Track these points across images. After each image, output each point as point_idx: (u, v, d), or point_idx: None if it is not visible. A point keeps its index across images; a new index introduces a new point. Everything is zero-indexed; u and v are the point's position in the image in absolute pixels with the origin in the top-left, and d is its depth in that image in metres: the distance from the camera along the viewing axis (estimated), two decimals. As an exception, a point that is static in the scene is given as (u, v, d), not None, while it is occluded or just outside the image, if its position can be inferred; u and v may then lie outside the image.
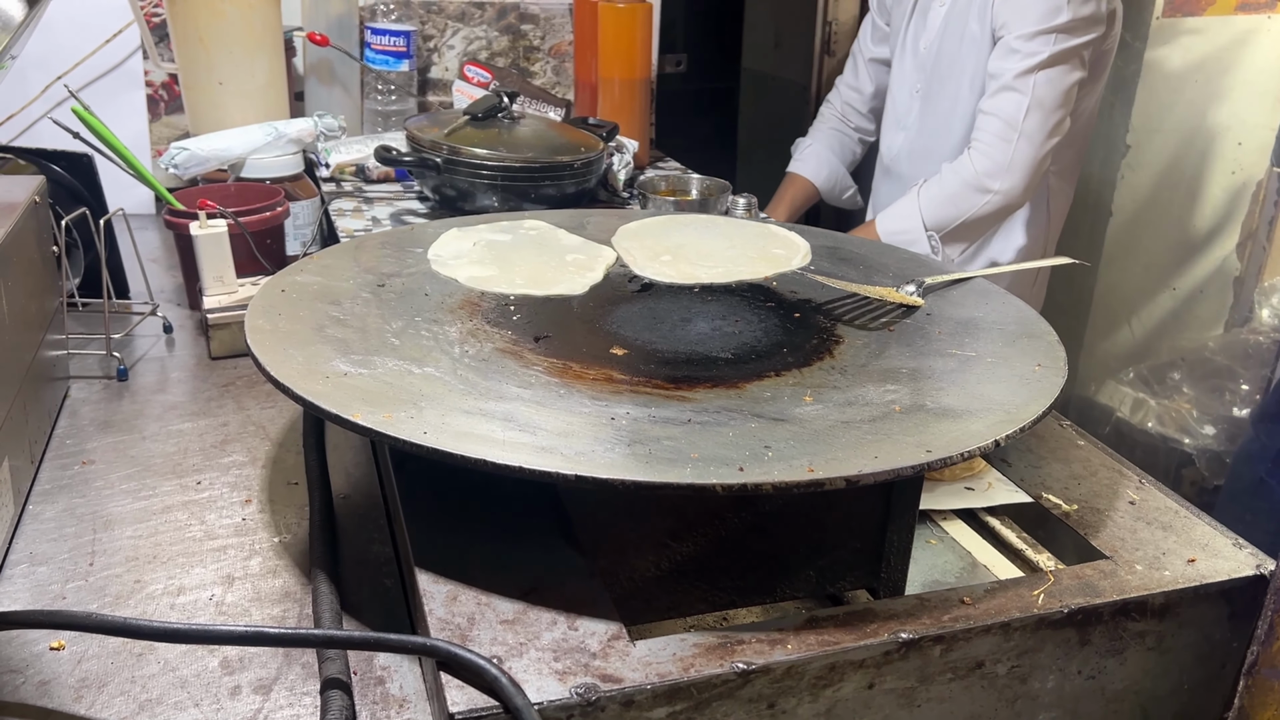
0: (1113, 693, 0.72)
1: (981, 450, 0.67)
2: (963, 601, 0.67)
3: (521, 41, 2.00)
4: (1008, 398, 0.75)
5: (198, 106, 1.58)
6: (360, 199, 1.55)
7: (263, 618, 0.74)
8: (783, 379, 0.79)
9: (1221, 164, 2.19)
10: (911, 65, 1.71)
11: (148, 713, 0.64)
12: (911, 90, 1.71)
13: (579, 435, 0.68)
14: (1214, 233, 2.23)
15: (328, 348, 0.79)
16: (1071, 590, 0.69)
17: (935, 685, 0.66)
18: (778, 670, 0.61)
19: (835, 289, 0.98)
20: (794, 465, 0.64)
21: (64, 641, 0.70)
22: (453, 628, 0.62)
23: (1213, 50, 2.15)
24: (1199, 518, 0.79)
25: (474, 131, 1.43)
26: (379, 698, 0.66)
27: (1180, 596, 0.70)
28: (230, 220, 1.18)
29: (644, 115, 1.82)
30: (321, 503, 0.84)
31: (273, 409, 1.03)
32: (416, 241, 1.06)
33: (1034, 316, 0.92)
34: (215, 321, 1.13)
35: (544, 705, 0.56)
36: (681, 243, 1.11)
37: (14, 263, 0.85)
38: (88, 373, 1.09)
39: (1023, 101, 1.50)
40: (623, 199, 1.61)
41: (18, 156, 1.22)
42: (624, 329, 0.89)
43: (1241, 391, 2.08)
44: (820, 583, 0.79)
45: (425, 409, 0.70)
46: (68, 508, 0.85)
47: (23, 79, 1.54)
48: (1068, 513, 0.80)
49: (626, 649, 0.61)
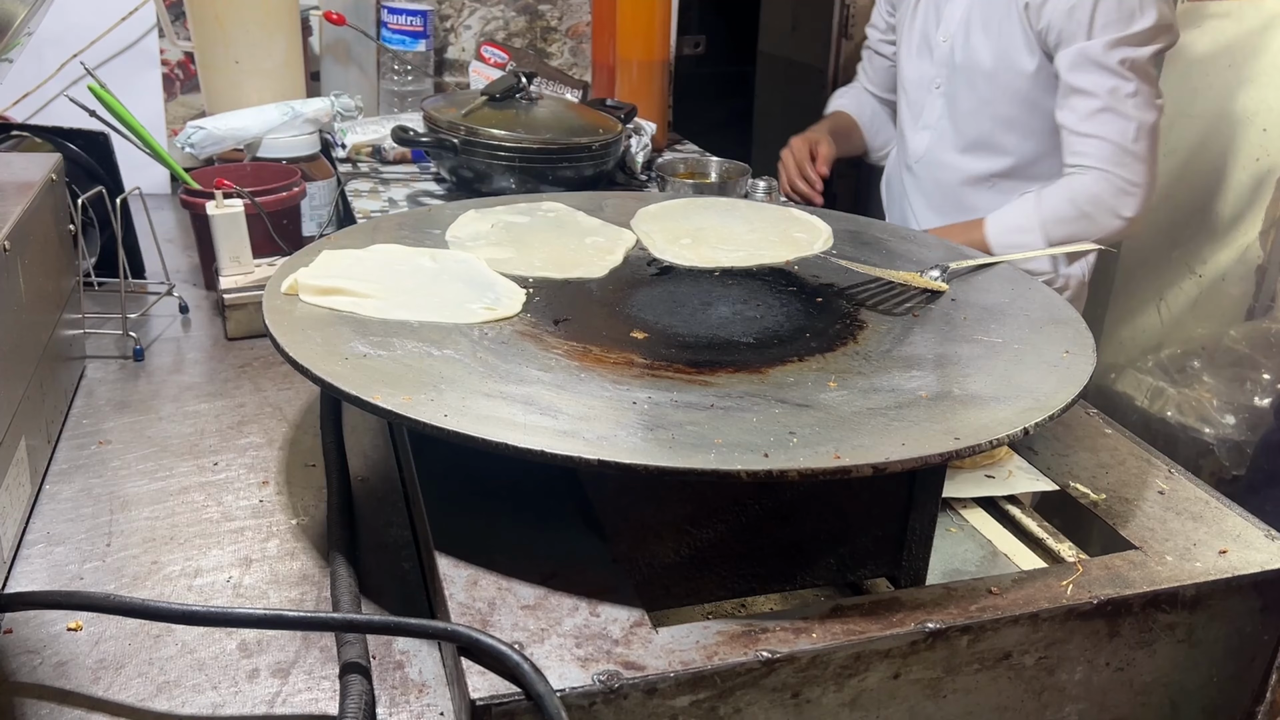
0: (1141, 685, 0.71)
1: (1011, 438, 0.66)
2: (990, 591, 0.66)
3: (539, 22, 1.98)
4: (1036, 384, 0.74)
5: (214, 86, 1.58)
6: (376, 180, 1.54)
7: (280, 600, 0.73)
8: (806, 364, 0.78)
9: (1246, 150, 2.17)
10: (929, 60, 1.64)
11: (165, 694, 0.64)
12: (930, 86, 1.64)
13: (600, 419, 0.67)
14: (1237, 220, 2.20)
15: (346, 329, 0.79)
16: (1101, 581, 0.68)
17: (962, 676, 0.65)
18: (802, 659, 0.60)
19: (858, 273, 0.97)
20: (820, 452, 0.63)
21: (82, 622, 0.69)
22: (473, 613, 0.62)
23: (1239, 35, 2.12)
24: (1230, 508, 0.78)
25: (491, 112, 1.42)
26: (398, 682, 0.66)
27: (1211, 588, 0.69)
28: (247, 200, 1.17)
29: (662, 97, 1.81)
30: (339, 485, 0.83)
31: (289, 390, 1.02)
32: (434, 223, 1.05)
33: (1060, 302, 0.91)
34: (232, 302, 1.12)
35: (566, 692, 0.56)
36: (701, 226, 1.10)
37: (31, 241, 0.84)
38: (104, 353, 1.09)
39: (1128, 126, 1.45)
40: (641, 181, 1.59)
41: (34, 135, 1.21)
42: (644, 312, 0.88)
43: (1263, 381, 2.06)
44: (841, 570, 0.78)
45: (445, 391, 0.69)
46: (84, 488, 0.85)
47: (39, 57, 1.53)
48: (1095, 502, 0.79)
49: (649, 636, 0.60)
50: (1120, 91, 1.44)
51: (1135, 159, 1.46)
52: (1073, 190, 1.49)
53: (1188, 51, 2.14)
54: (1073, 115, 1.48)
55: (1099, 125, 1.47)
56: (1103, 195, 1.48)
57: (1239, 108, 2.15)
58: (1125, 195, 1.48)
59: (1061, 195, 1.50)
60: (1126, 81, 1.44)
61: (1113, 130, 1.46)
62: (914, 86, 1.69)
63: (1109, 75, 1.44)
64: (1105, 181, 1.47)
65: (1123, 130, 1.46)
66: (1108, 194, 1.48)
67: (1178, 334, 2.28)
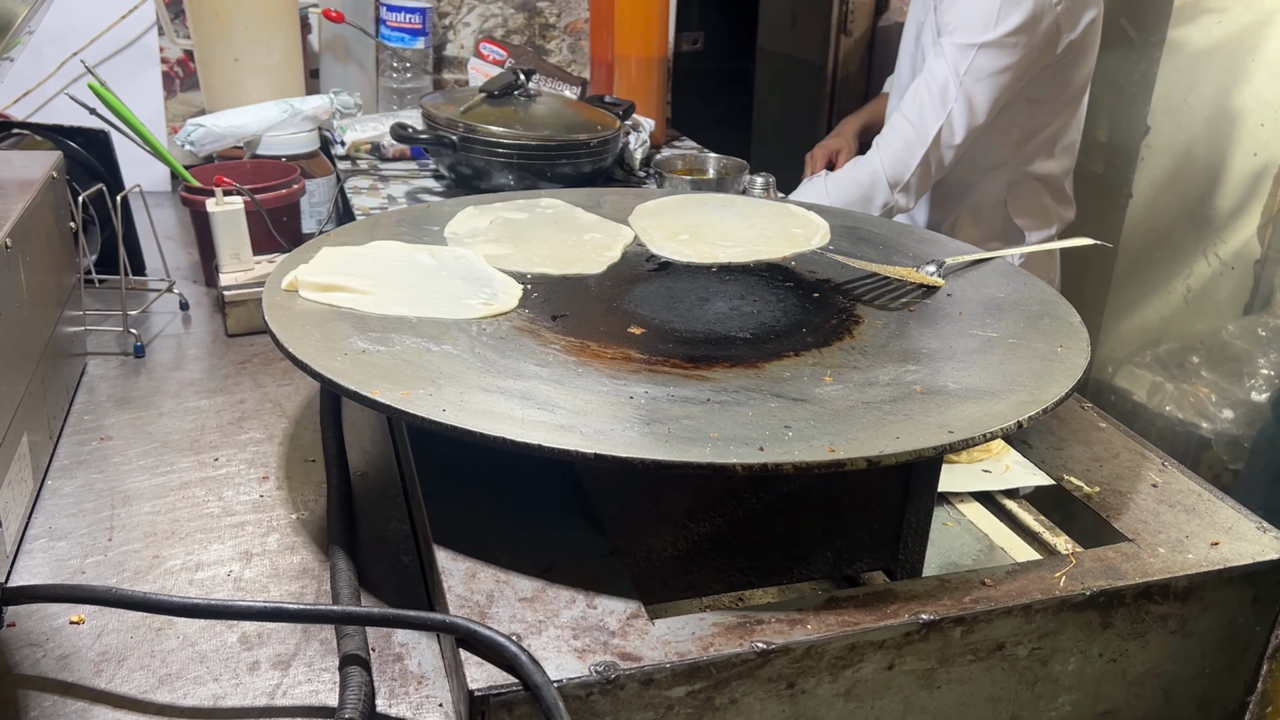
0: (1134, 675, 0.71)
1: (1004, 431, 0.67)
2: (984, 583, 0.66)
3: (537, 19, 1.98)
4: (1030, 379, 0.74)
5: (213, 83, 1.58)
6: (376, 177, 1.55)
7: (281, 594, 0.74)
8: (802, 359, 0.79)
9: (1243, 146, 2.17)
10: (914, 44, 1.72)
11: (167, 687, 0.64)
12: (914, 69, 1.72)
13: (598, 414, 0.67)
14: (1234, 215, 2.20)
15: (345, 325, 0.79)
16: (1094, 573, 0.68)
17: (955, 666, 0.65)
18: (797, 650, 0.61)
19: (855, 269, 0.97)
20: (815, 445, 0.64)
21: (84, 616, 0.70)
22: (472, 605, 0.62)
23: (1236, 30, 2.12)
24: (1222, 501, 0.78)
25: (490, 109, 1.42)
26: (397, 674, 0.66)
27: (1203, 580, 0.69)
28: (247, 197, 1.18)
29: (661, 94, 1.81)
30: (339, 480, 0.84)
31: (289, 386, 1.03)
32: (433, 219, 1.05)
33: (1056, 297, 0.92)
34: (232, 299, 1.13)
35: (563, 683, 0.56)
36: (699, 222, 1.10)
37: (32, 239, 0.85)
38: (105, 349, 1.09)
39: (935, 123, 1.53)
40: (639, 178, 1.60)
41: (35, 132, 1.22)
42: (642, 308, 0.88)
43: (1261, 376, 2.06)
44: (837, 564, 0.78)
45: (444, 386, 0.70)
46: (86, 483, 0.86)
47: (39, 55, 1.54)
48: (1089, 495, 0.80)
49: (645, 628, 0.61)
50: (950, 90, 1.51)
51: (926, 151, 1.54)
52: (863, 166, 1.59)
53: (1185, 46, 2.14)
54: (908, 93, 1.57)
55: (916, 111, 1.55)
56: (881, 175, 1.57)
57: (1236, 103, 2.15)
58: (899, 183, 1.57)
59: (852, 172, 1.60)
60: (958, 78, 1.51)
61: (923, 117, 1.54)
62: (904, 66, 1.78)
63: (944, 69, 1.51)
64: (887, 159, 1.57)
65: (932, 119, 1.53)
66: (886, 176, 1.57)
67: (1176, 329, 2.28)
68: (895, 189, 1.56)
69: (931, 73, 1.53)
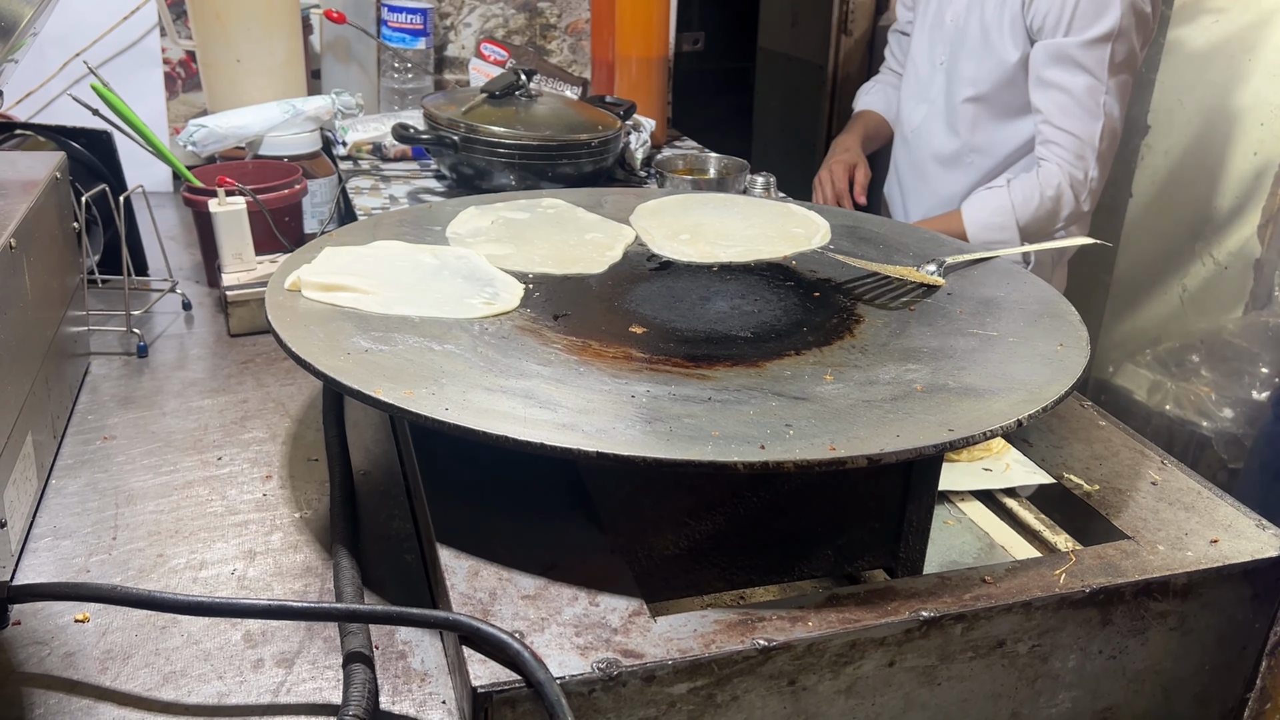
0: (1134, 673, 0.71)
1: (1004, 429, 0.67)
2: (984, 580, 0.67)
3: (538, 19, 1.99)
4: (1030, 377, 0.75)
5: (215, 84, 1.58)
6: (377, 177, 1.55)
7: (284, 592, 0.74)
8: (803, 358, 0.79)
9: (1243, 145, 2.17)
10: (937, 36, 1.71)
11: (172, 684, 0.65)
12: (935, 62, 1.71)
13: (599, 413, 0.68)
14: (1234, 214, 2.21)
15: (348, 324, 0.79)
16: (1093, 570, 0.69)
17: (956, 664, 0.66)
18: (799, 647, 0.61)
19: (855, 268, 0.97)
20: (815, 444, 0.64)
21: (89, 614, 0.70)
22: (474, 603, 0.62)
23: (1235, 30, 2.12)
24: (1221, 498, 0.78)
25: (491, 110, 1.42)
26: (400, 672, 0.67)
27: (1203, 577, 0.70)
28: (249, 198, 1.18)
29: (661, 94, 1.81)
30: (342, 479, 0.84)
31: (292, 386, 1.03)
32: (434, 220, 1.06)
33: (1056, 296, 0.92)
34: (234, 299, 1.13)
35: (566, 680, 0.57)
36: (700, 222, 1.11)
37: (36, 239, 0.85)
38: (108, 349, 1.10)
39: (1096, 125, 1.53)
40: (640, 178, 1.60)
41: (38, 133, 1.22)
42: (643, 307, 0.88)
43: (1261, 375, 2.06)
44: (838, 562, 0.79)
45: (446, 385, 0.70)
46: (90, 482, 0.86)
47: (41, 56, 1.54)
48: (1089, 493, 0.80)
49: (647, 625, 0.61)
50: (1095, 91, 1.52)
51: (1097, 157, 1.56)
52: (1043, 181, 1.58)
53: (1185, 46, 2.15)
54: (1048, 105, 1.56)
55: (1071, 120, 1.55)
56: (1065, 186, 1.57)
57: (1236, 102, 2.15)
58: (1083, 188, 1.57)
59: (1032, 185, 1.58)
60: (1100, 82, 1.51)
61: (1081, 127, 1.54)
62: (921, 60, 1.76)
63: (1084, 74, 1.52)
64: (1068, 175, 1.57)
65: (1091, 126, 1.54)
66: (1069, 187, 1.57)
67: (1176, 328, 2.28)
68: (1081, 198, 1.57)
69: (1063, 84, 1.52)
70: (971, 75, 1.64)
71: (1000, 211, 1.59)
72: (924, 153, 1.76)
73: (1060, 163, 1.56)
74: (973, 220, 1.60)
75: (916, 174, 1.79)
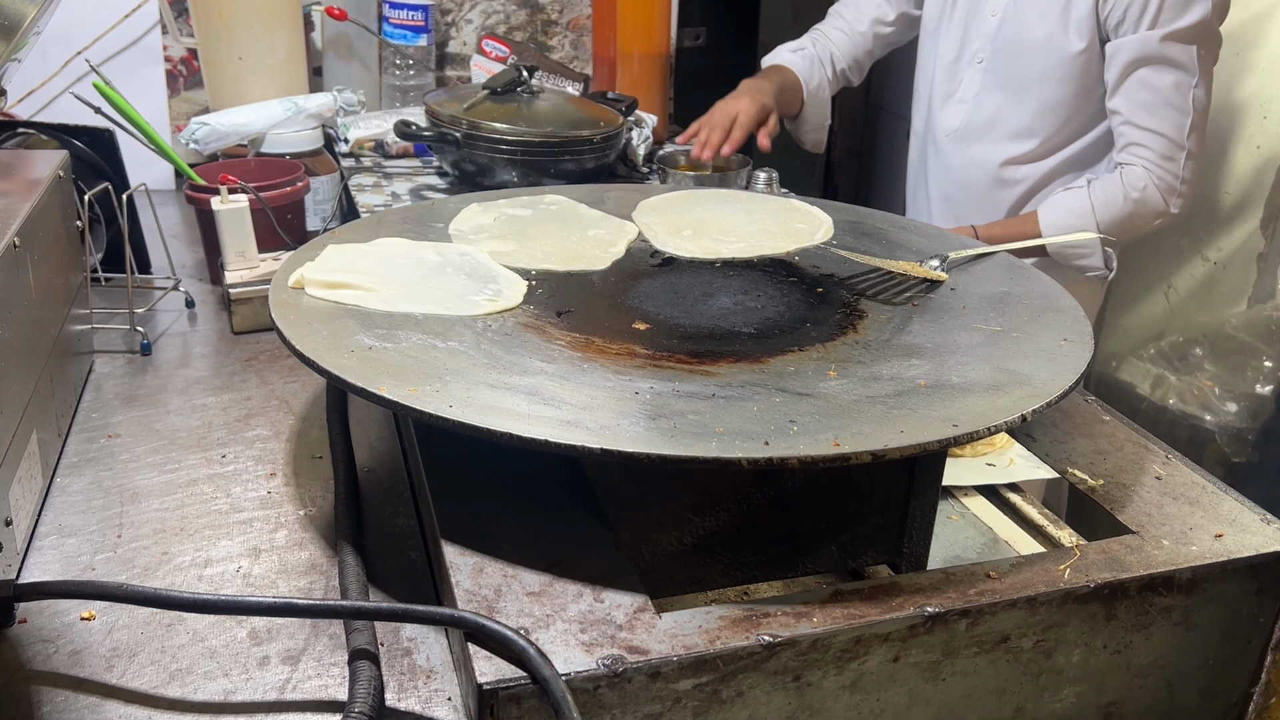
0: (1138, 667, 0.72)
1: (1008, 425, 0.67)
2: (988, 576, 0.67)
3: (539, 15, 1.98)
4: (1034, 372, 0.75)
5: (217, 82, 1.58)
6: (379, 174, 1.55)
7: (289, 589, 0.74)
8: (806, 354, 0.79)
9: (1246, 139, 2.16)
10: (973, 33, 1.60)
11: (178, 682, 0.65)
12: (971, 60, 1.61)
13: (603, 409, 0.68)
14: (1238, 208, 2.20)
15: (351, 322, 0.80)
16: (1098, 565, 0.69)
17: (960, 659, 0.66)
18: (803, 643, 0.61)
19: (858, 264, 0.97)
20: (819, 440, 0.64)
21: (95, 612, 0.70)
22: (479, 600, 0.63)
23: (1239, 23, 2.11)
24: (1226, 493, 0.78)
25: (493, 106, 1.42)
26: (406, 668, 0.67)
27: (1207, 572, 0.70)
28: (252, 195, 1.18)
29: (663, 89, 1.81)
30: (346, 476, 0.84)
31: (295, 383, 1.03)
32: (437, 216, 1.06)
33: (1059, 291, 0.92)
34: (237, 296, 1.13)
35: (571, 676, 0.57)
36: (702, 217, 1.10)
37: (40, 237, 0.85)
38: (111, 347, 1.10)
39: (1184, 121, 1.45)
40: (642, 174, 1.60)
41: (40, 131, 1.22)
42: (646, 304, 0.88)
43: (1264, 369, 2.06)
44: (842, 558, 0.79)
45: (450, 383, 0.70)
46: (95, 480, 0.86)
47: (43, 54, 1.54)
48: (1093, 488, 0.80)
49: (652, 621, 0.61)
50: (1184, 86, 1.43)
51: (1187, 156, 1.47)
52: (1127, 183, 1.49)
53: (1188, 40, 2.14)
54: (1130, 105, 1.46)
55: (1158, 119, 1.45)
56: (1152, 189, 1.48)
57: (1239, 96, 2.15)
58: (1173, 191, 1.48)
59: (1115, 187, 1.49)
60: (1189, 75, 1.43)
61: (1170, 125, 1.45)
62: (948, 58, 1.65)
63: (1171, 69, 1.42)
64: (1157, 176, 1.48)
65: (1179, 125, 1.45)
66: (1158, 188, 1.48)
67: (1179, 322, 2.28)
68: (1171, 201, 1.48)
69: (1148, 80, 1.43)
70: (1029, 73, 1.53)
71: (1080, 214, 1.50)
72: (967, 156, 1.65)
73: (1147, 165, 1.47)
74: (1050, 223, 1.51)
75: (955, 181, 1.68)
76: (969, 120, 1.63)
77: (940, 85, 1.68)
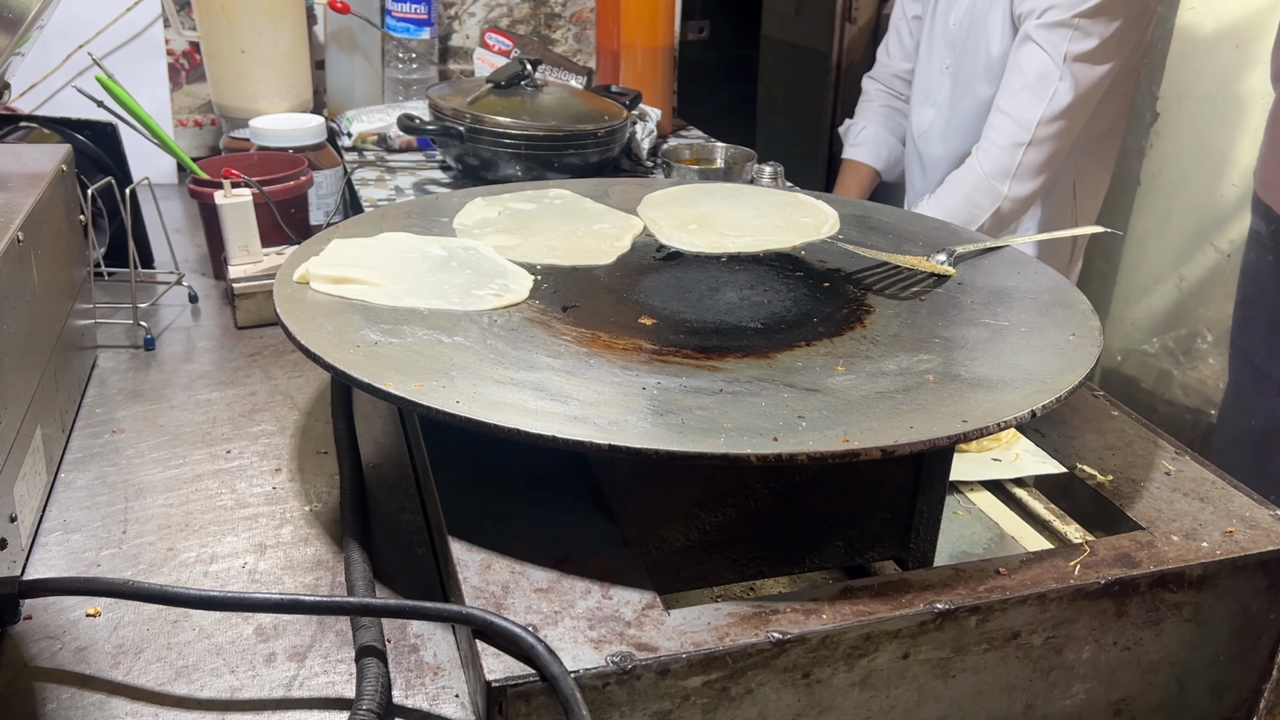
0: (1148, 664, 0.71)
1: (1018, 420, 0.67)
2: (998, 572, 0.66)
3: (543, 8, 1.98)
4: (1042, 367, 0.74)
5: (219, 75, 1.58)
6: (383, 168, 1.55)
7: (295, 586, 0.74)
8: (814, 349, 0.79)
9: (1251, 132, 2.15)
10: (942, 40, 1.68)
11: (184, 679, 0.65)
12: (941, 66, 1.69)
13: (610, 405, 0.67)
14: (1243, 202, 2.19)
15: (356, 316, 0.79)
16: (1108, 561, 0.68)
17: (970, 656, 0.65)
18: (813, 640, 0.61)
19: (865, 258, 0.97)
20: (828, 435, 0.64)
21: (100, 608, 0.70)
22: (487, 596, 0.62)
23: (1244, 16, 2.11)
24: (1236, 488, 0.78)
25: (497, 100, 1.42)
26: (413, 665, 0.66)
27: (1218, 568, 0.69)
28: (255, 189, 1.18)
29: (667, 83, 1.80)
30: (351, 471, 0.84)
31: (300, 378, 1.03)
32: (441, 211, 1.05)
33: (1067, 285, 0.91)
34: (241, 291, 1.13)
35: (580, 673, 0.56)
36: (708, 211, 1.10)
37: (43, 232, 0.85)
38: (115, 342, 1.09)
39: (1039, 107, 1.46)
40: (646, 168, 1.60)
41: (43, 125, 1.22)
42: (652, 298, 0.88)
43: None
44: (849, 553, 0.79)
45: (456, 378, 0.70)
46: (99, 476, 0.86)
47: (44, 47, 1.53)
48: (1102, 483, 0.80)
49: (661, 618, 0.61)
50: (1048, 77, 1.44)
51: (1031, 143, 1.47)
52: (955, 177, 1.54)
53: (1193, 32, 2.13)
54: (1001, 87, 1.50)
55: (1014, 103, 1.48)
56: (981, 171, 1.51)
57: (1244, 89, 2.14)
58: (1003, 171, 1.50)
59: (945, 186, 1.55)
60: (1057, 63, 1.44)
61: (1022, 109, 1.47)
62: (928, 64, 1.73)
63: (1040, 55, 1.44)
64: (987, 158, 1.50)
65: (1032, 110, 1.46)
66: (986, 169, 1.50)
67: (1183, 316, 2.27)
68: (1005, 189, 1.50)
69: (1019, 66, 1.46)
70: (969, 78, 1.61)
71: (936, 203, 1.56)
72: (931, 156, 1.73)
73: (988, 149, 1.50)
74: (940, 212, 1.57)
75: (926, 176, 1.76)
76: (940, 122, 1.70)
77: (921, 89, 1.76)
